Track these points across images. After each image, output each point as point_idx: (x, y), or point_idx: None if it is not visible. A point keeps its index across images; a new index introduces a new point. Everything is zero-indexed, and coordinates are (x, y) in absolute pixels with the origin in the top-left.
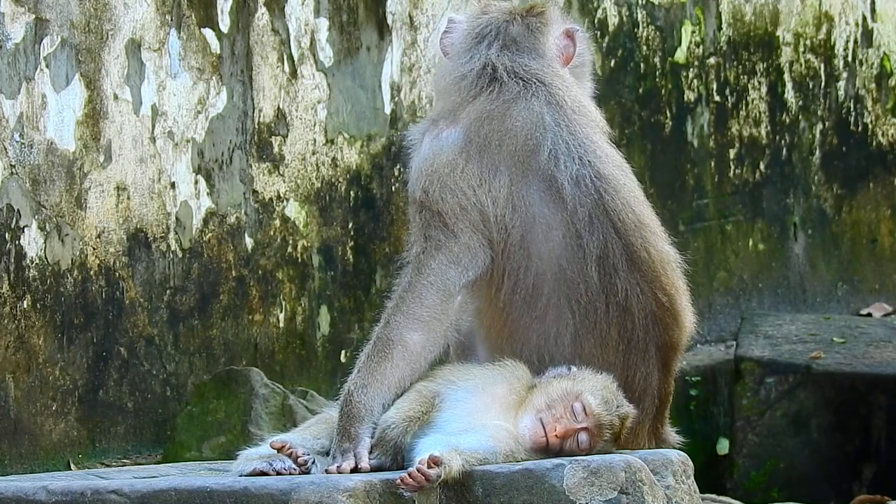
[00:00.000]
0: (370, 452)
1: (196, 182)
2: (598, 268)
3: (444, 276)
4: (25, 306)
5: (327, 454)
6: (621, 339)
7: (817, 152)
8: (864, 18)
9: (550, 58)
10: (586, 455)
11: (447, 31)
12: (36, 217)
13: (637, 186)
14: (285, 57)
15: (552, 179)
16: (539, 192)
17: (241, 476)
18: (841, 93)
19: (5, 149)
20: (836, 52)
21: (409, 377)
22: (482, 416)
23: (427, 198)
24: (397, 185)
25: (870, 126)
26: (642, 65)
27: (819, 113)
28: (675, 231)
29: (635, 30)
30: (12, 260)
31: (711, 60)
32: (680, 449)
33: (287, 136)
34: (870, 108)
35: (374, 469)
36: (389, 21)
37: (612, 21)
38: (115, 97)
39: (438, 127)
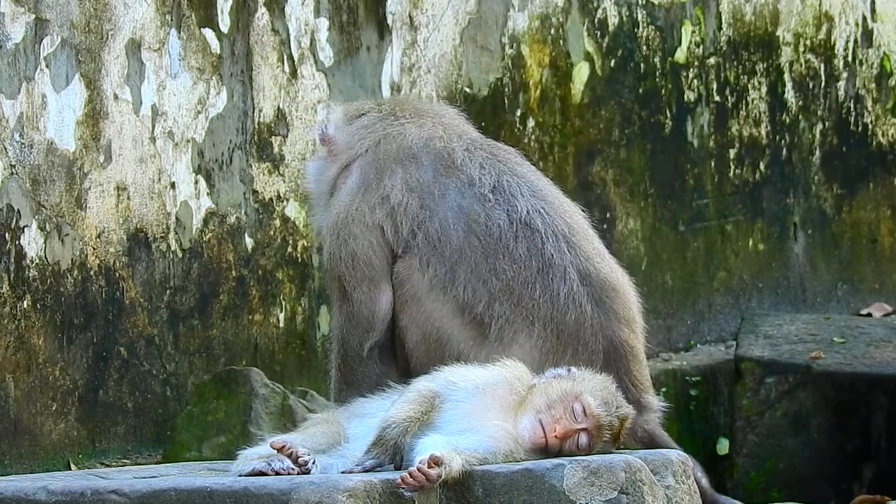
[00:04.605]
0: (369, 452)
1: (196, 182)
2: (494, 195)
3: (349, 342)
4: (25, 306)
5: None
6: (532, 255)
7: (817, 152)
8: (864, 18)
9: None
10: (586, 455)
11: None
12: (36, 217)
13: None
14: (285, 57)
15: (441, 156)
16: (430, 171)
17: (240, 476)
18: (841, 93)
19: (5, 149)
20: (836, 52)
21: None
22: (482, 416)
23: (332, 264)
24: None
25: (870, 126)
26: (642, 65)
27: (819, 113)
28: (675, 231)
29: (635, 30)
30: (12, 260)
31: (711, 60)
32: (678, 449)
33: (287, 136)
34: (870, 108)
35: (373, 469)
36: (389, 21)
37: (612, 21)
38: (115, 97)
39: (338, 190)
